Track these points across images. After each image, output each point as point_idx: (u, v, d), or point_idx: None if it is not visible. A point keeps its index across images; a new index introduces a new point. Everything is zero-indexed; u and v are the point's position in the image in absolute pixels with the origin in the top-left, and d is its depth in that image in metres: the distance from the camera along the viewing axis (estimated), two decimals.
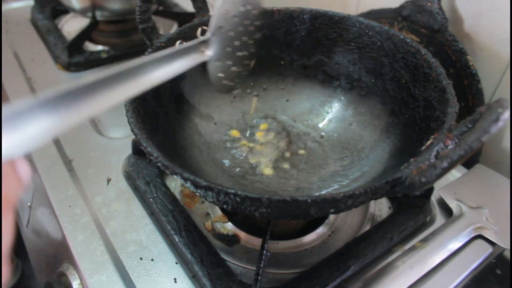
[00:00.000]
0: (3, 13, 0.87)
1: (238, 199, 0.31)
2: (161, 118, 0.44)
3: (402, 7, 0.63)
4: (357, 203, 0.32)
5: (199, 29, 0.51)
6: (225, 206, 0.34)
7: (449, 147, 0.34)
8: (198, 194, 0.35)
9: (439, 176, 0.29)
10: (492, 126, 0.28)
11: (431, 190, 0.49)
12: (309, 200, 0.30)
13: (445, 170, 0.29)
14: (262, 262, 0.39)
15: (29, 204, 0.56)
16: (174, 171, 0.33)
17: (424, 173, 0.30)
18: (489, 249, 0.46)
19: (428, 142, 0.36)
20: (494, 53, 0.60)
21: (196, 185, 0.32)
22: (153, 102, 0.44)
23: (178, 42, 0.49)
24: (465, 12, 0.62)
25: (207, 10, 0.53)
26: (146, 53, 0.46)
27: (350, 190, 0.31)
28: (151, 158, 0.35)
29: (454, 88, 0.59)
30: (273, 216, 0.36)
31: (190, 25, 0.51)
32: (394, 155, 0.44)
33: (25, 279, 0.65)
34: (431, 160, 0.32)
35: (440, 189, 0.52)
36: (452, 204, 0.50)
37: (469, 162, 0.59)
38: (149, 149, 0.35)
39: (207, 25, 0.52)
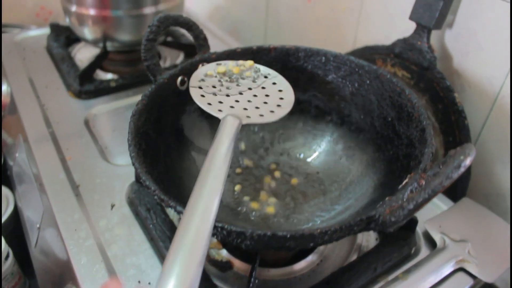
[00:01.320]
0: (21, 41, 0.92)
1: (224, 232, 0.34)
2: (162, 150, 0.48)
3: (394, 44, 0.67)
4: (334, 239, 0.35)
5: (200, 65, 0.56)
6: (215, 237, 0.37)
7: (423, 186, 0.37)
8: None
9: (407, 216, 0.32)
10: (454, 172, 0.31)
11: (415, 224, 0.51)
12: (288, 235, 0.33)
13: (412, 211, 0.32)
14: (251, 284, 0.42)
15: (38, 225, 0.59)
16: (168, 204, 0.37)
17: (394, 213, 0.33)
18: (470, 282, 0.49)
19: (404, 182, 0.39)
20: (481, 90, 0.63)
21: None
22: (155, 135, 0.48)
23: (179, 78, 0.53)
24: (454, 50, 0.65)
25: (208, 47, 0.57)
26: (151, 87, 0.50)
27: (326, 227, 0.34)
28: (149, 191, 0.38)
29: (442, 124, 0.63)
30: (257, 248, 0.39)
31: (191, 61, 0.55)
32: (377, 189, 0.47)
33: None
34: (402, 201, 0.34)
35: (426, 221, 0.54)
36: (437, 237, 0.53)
37: (456, 195, 0.62)
38: (147, 183, 0.38)
39: (207, 61, 0.56)
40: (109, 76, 0.82)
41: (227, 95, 0.48)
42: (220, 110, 0.45)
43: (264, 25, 1.07)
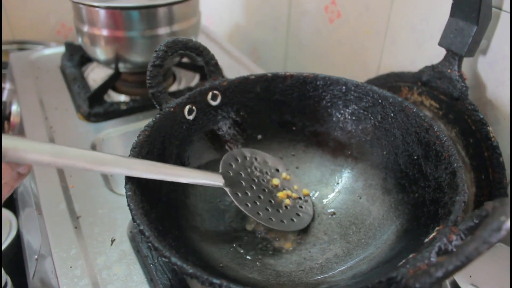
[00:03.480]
0: (36, 59, 0.91)
1: None
2: (164, 187, 0.44)
3: (421, 71, 0.62)
4: None
5: (210, 93, 0.52)
6: None
7: (453, 243, 0.32)
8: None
9: (434, 284, 0.27)
10: (493, 237, 0.26)
11: None
12: None
13: (440, 280, 0.27)
14: None
15: (36, 257, 0.56)
16: (163, 255, 0.33)
17: (419, 278, 0.28)
18: None
19: (431, 236, 0.34)
20: None
21: (183, 272, 0.32)
22: None
23: (187, 107, 0.50)
24: (488, 79, 0.60)
25: (219, 74, 0.53)
26: (156, 116, 0.46)
27: None
28: (143, 237, 0.34)
29: (473, 159, 0.57)
30: None
31: (200, 89, 0.51)
32: (401, 237, 0.42)
33: None
34: (431, 260, 0.30)
35: None
36: None
37: None
38: (141, 227, 0.35)
39: (217, 89, 0.53)
40: (121, 97, 0.80)
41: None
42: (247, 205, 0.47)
43: (285, 46, 1.03)
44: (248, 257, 0.45)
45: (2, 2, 1.19)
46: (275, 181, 0.52)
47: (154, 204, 0.41)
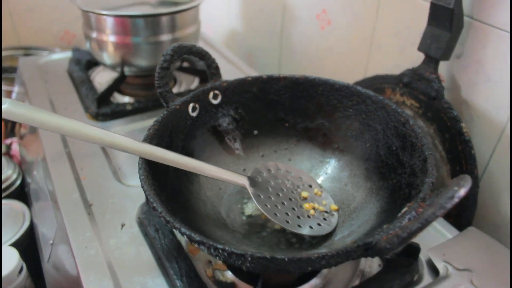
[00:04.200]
0: (44, 64, 0.97)
1: (225, 254, 0.36)
2: (171, 173, 0.50)
3: (403, 74, 0.68)
4: (332, 264, 0.36)
5: (211, 93, 0.58)
6: (217, 258, 0.39)
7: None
8: (195, 245, 0.39)
9: (401, 244, 0.33)
10: (448, 203, 0.32)
11: (417, 251, 0.52)
12: (286, 259, 0.34)
13: (405, 239, 0.33)
14: None
15: (51, 241, 0.61)
16: (173, 226, 0.38)
17: (389, 240, 0.34)
18: None
19: (403, 210, 0.40)
20: (489, 120, 0.63)
21: (191, 239, 0.37)
22: None
23: (191, 105, 0.55)
24: (462, 81, 0.66)
25: (219, 76, 0.59)
26: (163, 113, 0.52)
27: (323, 252, 0.35)
28: (157, 213, 0.40)
29: (449, 153, 0.64)
30: (257, 270, 0.40)
31: (203, 89, 0.57)
32: (379, 216, 0.48)
33: None
34: (397, 229, 0.35)
35: (429, 249, 0.55)
36: (440, 265, 0.53)
37: (462, 224, 0.62)
38: (154, 205, 0.40)
39: (218, 89, 0.58)
40: (126, 99, 0.85)
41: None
42: (266, 205, 0.51)
43: (279, 51, 1.10)
44: (245, 238, 0.51)
45: (10, 10, 1.25)
46: (304, 194, 0.54)
47: (162, 188, 0.46)
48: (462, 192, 0.32)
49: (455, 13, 0.58)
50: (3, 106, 0.42)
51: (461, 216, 0.63)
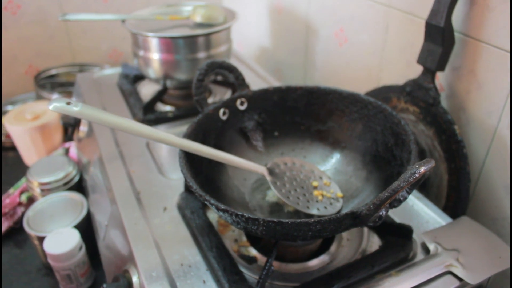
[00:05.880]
0: (98, 78, 1.12)
1: (244, 219, 0.47)
2: (204, 164, 0.61)
3: (406, 84, 0.78)
4: (327, 229, 0.46)
5: (238, 100, 0.70)
6: (238, 227, 0.50)
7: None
8: (220, 216, 0.51)
9: (376, 210, 0.43)
10: (410, 177, 0.42)
11: (410, 232, 0.61)
12: (289, 222, 0.45)
13: (379, 206, 0.43)
14: (265, 269, 0.53)
15: (106, 223, 0.74)
16: (205, 198, 0.50)
17: (368, 208, 0.44)
18: (456, 283, 0.57)
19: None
20: (482, 124, 0.72)
21: (218, 208, 0.48)
22: None
23: (221, 110, 0.67)
24: (458, 89, 0.75)
25: (246, 86, 0.71)
26: (199, 116, 0.64)
27: (318, 218, 0.45)
28: (192, 189, 0.51)
29: (445, 152, 0.73)
30: (269, 234, 0.51)
31: (232, 97, 0.69)
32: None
33: (96, 286, 0.83)
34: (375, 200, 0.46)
35: (424, 233, 0.64)
36: (431, 246, 0.62)
37: (455, 213, 0.71)
38: (191, 183, 0.52)
39: (245, 97, 0.70)
40: (167, 108, 0.98)
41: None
42: (281, 190, 0.61)
43: (304, 65, 1.21)
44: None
45: (68, 30, 1.42)
46: (315, 183, 0.64)
47: (197, 175, 0.58)
48: (422, 169, 0.42)
49: (445, 30, 0.68)
50: (76, 109, 0.55)
51: (456, 208, 0.71)
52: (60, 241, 0.76)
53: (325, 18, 1.06)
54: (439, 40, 0.69)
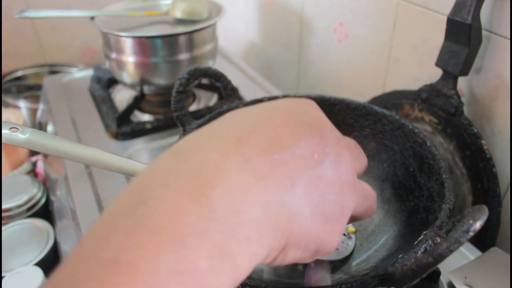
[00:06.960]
0: (67, 82, 0.99)
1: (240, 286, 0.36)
2: None
3: (421, 90, 0.67)
4: None
5: None
6: None
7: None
8: None
9: (415, 278, 0.33)
10: (462, 237, 0.31)
11: (438, 275, 0.51)
12: None
13: (419, 274, 0.32)
14: None
15: None
16: None
17: (404, 273, 0.33)
18: None
19: (420, 238, 0.40)
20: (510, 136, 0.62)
21: None
22: None
23: None
24: (482, 96, 0.65)
25: (236, 97, 0.59)
26: (180, 136, 0.53)
27: (338, 282, 0.35)
28: None
29: (470, 170, 0.62)
30: None
31: (219, 111, 0.57)
32: (396, 241, 0.47)
33: None
34: (412, 260, 0.35)
35: (451, 272, 0.54)
36: None
37: (485, 244, 0.61)
38: None
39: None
40: (145, 117, 0.87)
41: None
42: None
43: (297, 63, 1.10)
44: None
45: (36, 27, 1.29)
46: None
47: None
48: (477, 225, 0.32)
49: (473, 28, 0.57)
50: (23, 137, 0.43)
51: (484, 237, 0.61)
52: (20, 282, 0.64)
53: (322, 10, 0.94)
54: (465, 39, 0.58)
